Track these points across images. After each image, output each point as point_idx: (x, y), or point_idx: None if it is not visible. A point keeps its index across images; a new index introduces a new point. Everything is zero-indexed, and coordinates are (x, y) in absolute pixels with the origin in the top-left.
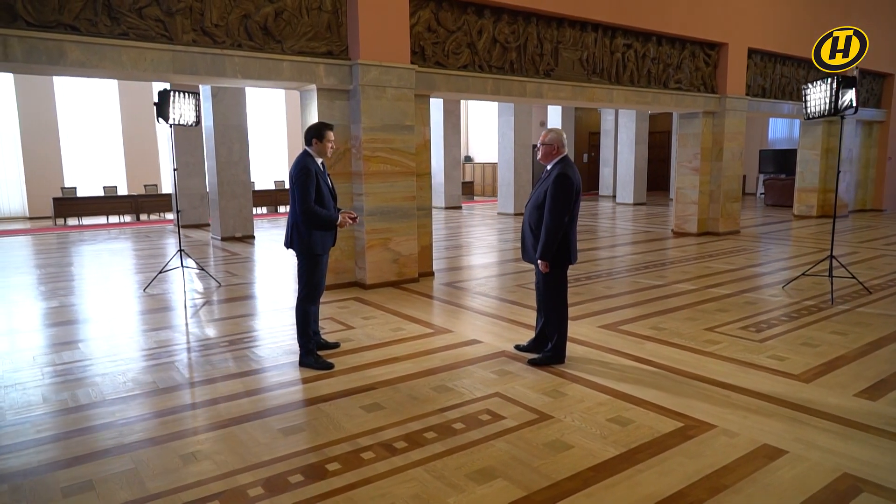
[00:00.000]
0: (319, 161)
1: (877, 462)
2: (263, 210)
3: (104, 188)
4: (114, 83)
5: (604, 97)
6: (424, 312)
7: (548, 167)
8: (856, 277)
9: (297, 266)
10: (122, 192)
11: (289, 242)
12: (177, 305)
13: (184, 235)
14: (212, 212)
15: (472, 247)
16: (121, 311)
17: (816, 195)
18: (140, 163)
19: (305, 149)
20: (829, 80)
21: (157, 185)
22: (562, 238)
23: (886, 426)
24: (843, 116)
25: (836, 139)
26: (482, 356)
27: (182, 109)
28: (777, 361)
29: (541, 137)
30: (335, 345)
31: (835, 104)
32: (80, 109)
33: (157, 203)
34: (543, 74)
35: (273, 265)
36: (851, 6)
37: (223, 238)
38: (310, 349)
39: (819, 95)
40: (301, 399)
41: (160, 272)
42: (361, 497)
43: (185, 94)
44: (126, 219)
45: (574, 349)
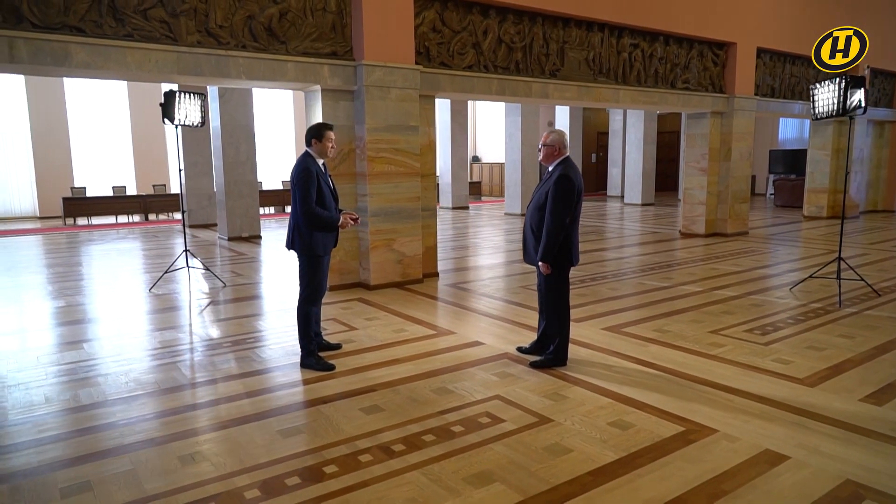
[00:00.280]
0: (321, 162)
1: (880, 468)
2: (271, 210)
3: (113, 188)
4: (123, 84)
5: (610, 97)
6: (427, 314)
7: (549, 168)
8: (864, 280)
9: (299, 267)
10: (131, 192)
11: (290, 243)
12: (182, 306)
13: (191, 235)
14: (219, 212)
15: (478, 247)
16: (126, 311)
17: (827, 196)
18: (149, 163)
19: (307, 150)
20: (838, 80)
21: (166, 185)
22: (563, 240)
23: (892, 432)
24: (852, 117)
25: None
26: (484, 358)
27: (187, 110)
28: (782, 365)
29: (542, 138)
30: (337, 346)
31: (843, 104)
32: (90, 110)
33: (166, 203)
34: (549, 74)
35: (279, 265)
36: (861, 4)
37: (230, 238)
38: (311, 350)
39: (827, 95)
40: (301, 401)
41: (165, 272)
42: (357, 500)
43: (191, 95)
44: (135, 218)
45: (577, 351)
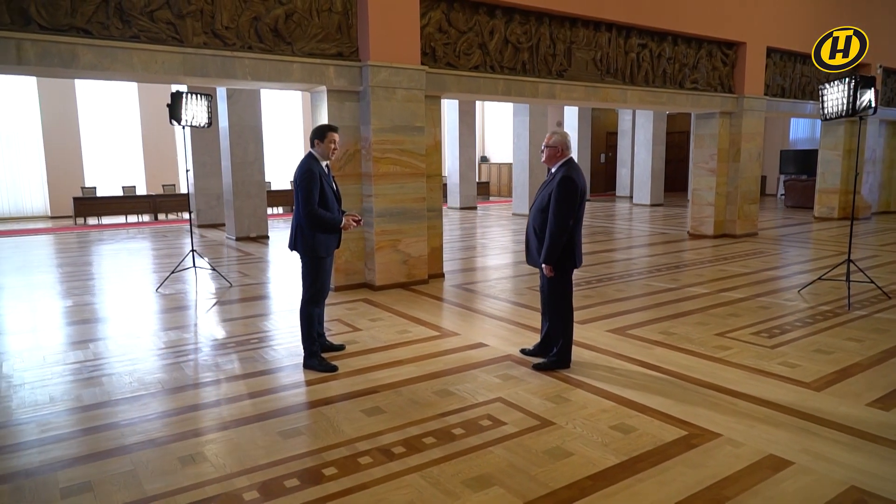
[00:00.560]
0: (324, 163)
1: (886, 475)
2: (279, 210)
3: (123, 188)
4: (133, 85)
5: (617, 97)
6: (432, 315)
7: (552, 170)
8: (874, 282)
9: (301, 268)
10: (141, 192)
11: (292, 244)
12: (188, 306)
13: (200, 235)
14: (227, 212)
15: (485, 248)
16: (132, 311)
17: (838, 197)
18: (159, 163)
19: (310, 151)
20: (847, 80)
21: (176, 185)
22: (566, 242)
23: None
24: (862, 117)
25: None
26: (487, 360)
27: (194, 111)
28: (788, 369)
29: (545, 140)
30: (340, 347)
31: (853, 104)
32: (101, 111)
33: (175, 203)
34: (556, 75)
35: (285, 266)
36: (872, 2)
37: (238, 238)
38: (314, 351)
39: (836, 95)
40: (303, 402)
41: (172, 272)
42: (356, 503)
43: (198, 96)
44: (144, 218)
45: (581, 354)
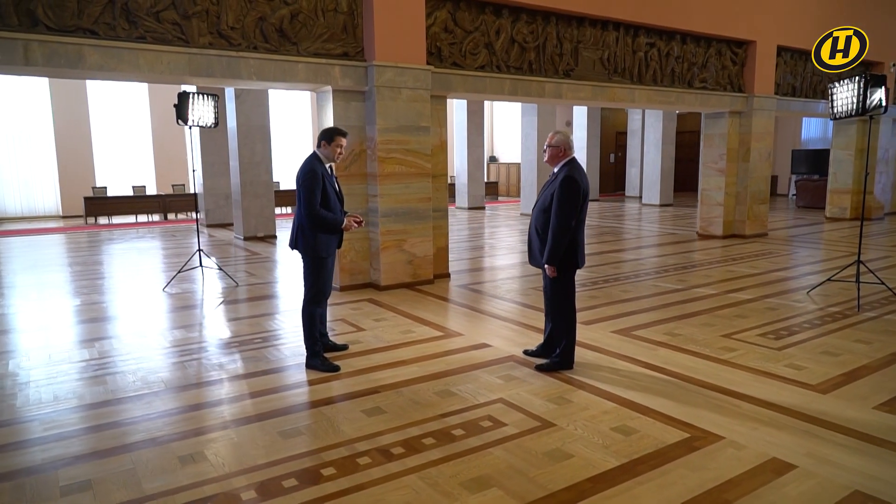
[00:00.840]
0: (328, 164)
1: (892, 479)
2: (287, 210)
3: (133, 188)
4: (143, 85)
5: (625, 97)
6: (436, 315)
7: (554, 170)
8: (885, 283)
9: (303, 268)
10: (151, 192)
11: (293, 243)
12: (193, 305)
13: (208, 235)
14: (234, 211)
15: (491, 248)
16: (139, 310)
17: (850, 197)
18: (169, 163)
19: (314, 151)
20: (857, 79)
21: (185, 185)
22: (569, 242)
23: None
24: (872, 116)
25: (873, 139)
26: (490, 360)
27: (201, 111)
28: (794, 371)
29: (547, 139)
30: (344, 347)
31: (863, 103)
32: (112, 111)
33: (184, 203)
34: (563, 74)
35: (292, 265)
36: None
37: (245, 238)
38: (316, 351)
39: (846, 94)
40: (304, 402)
41: (179, 272)
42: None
43: (204, 96)
44: (154, 218)
45: (584, 355)
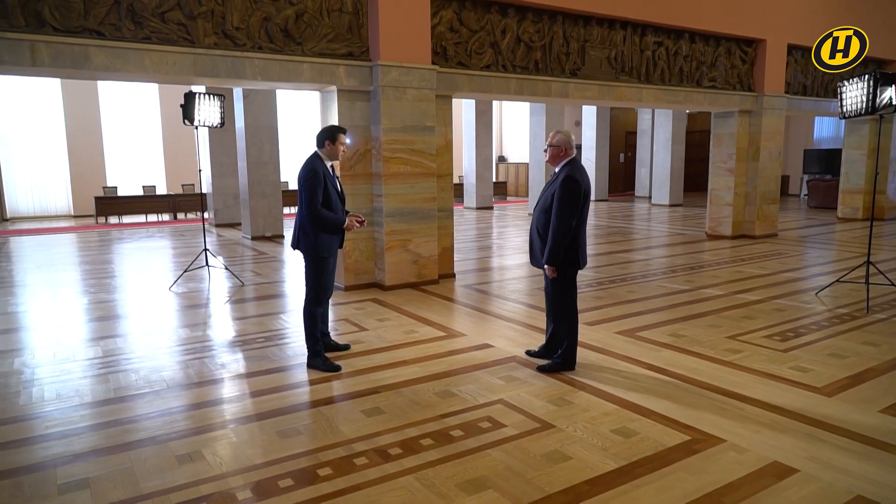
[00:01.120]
0: (329, 164)
1: (894, 484)
2: (295, 209)
3: (143, 188)
4: (154, 86)
5: (633, 96)
6: (440, 315)
7: (556, 170)
8: (895, 285)
9: (304, 268)
10: (161, 192)
11: (295, 243)
12: (198, 304)
13: (216, 234)
14: (242, 211)
15: (498, 248)
16: (144, 309)
17: (862, 197)
18: (178, 163)
19: (316, 151)
20: (867, 77)
21: (195, 185)
22: (570, 242)
23: None
24: (883, 115)
25: (886, 138)
26: (492, 361)
27: (207, 111)
28: (800, 373)
29: (548, 139)
30: (346, 346)
31: (872, 102)
32: (123, 112)
33: (194, 202)
34: (570, 74)
35: (298, 265)
36: None
37: (253, 237)
38: (317, 351)
39: (856, 93)
40: (303, 401)
41: (185, 271)
42: None
43: (211, 97)
44: (164, 217)
45: (587, 356)
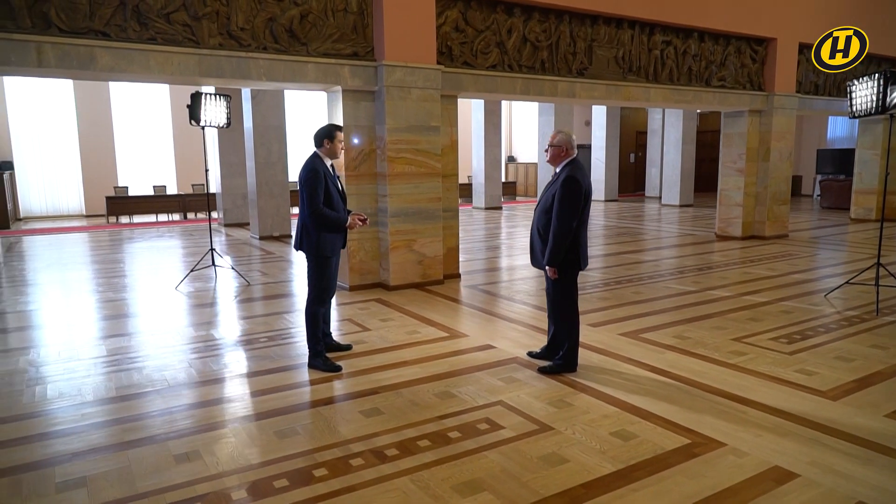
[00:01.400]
0: (329, 163)
1: None
2: None
3: (154, 188)
4: (165, 87)
5: (640, 96)
6: (443, 315)
7: (556, 170)
8: None
9: (307, 268)
10: (172, 192)
11: (298, 244)
12: (203, 304)
13: (225, 234)
14: (250, 211)
15: (505, 248)
16: (149, 309)
17: (875, 197)
18: (189, 163)
19: (315, 151)
20: (877, 76)
21: (205, 185)
22: (571, 243)
23: None
24: (893, 115)
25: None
26: (493, 362)
27: (213, 112)
28: (805, 376)
29: (549, 139)
30: (347, 347)
31: (882, 101)
32: (134, 112)
33: (204, 202)
34: (576, 73)
35: (304, 265)
36: None
37: (261, 237)
38: (318, 351)
39: (865, 92)
40: (302, 401)
41: (191, 271)
42: None
43: (217, 97)
44: (174, 217)
45: (589, 357)
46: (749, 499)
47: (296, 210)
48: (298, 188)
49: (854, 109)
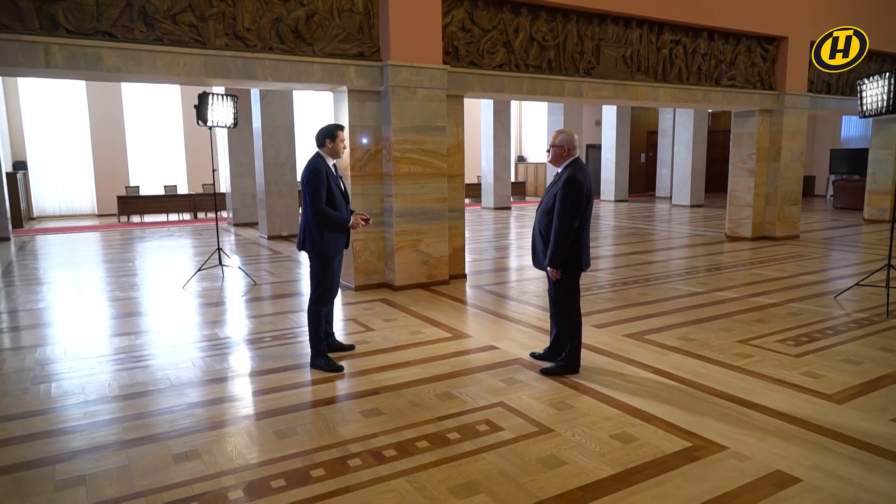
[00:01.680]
0: (331, 163)
1: None
2: None
3: (165, 187)
4: (176, 87)
5: (649, 95)
6: (447, 316)
7: (558, 170)
8: None
9: (310, 268)
10: (183, 191)
11: (301, 244)
12: (209, 303)
13: (235, 234)
14: (259, 211)
15: (512, 248)
16: (156, 308)
17: (889, 198)
18: (199, 163)
19: (318, 151)
20: (887, 75)
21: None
22: (573, 244)
23: None
24: None
25: None
26: (495, 363)
27: (220, 112)
28: (811, 379)
29: (551, 139)
30: (350, 347)
31: (894, 100)
32: (146, 112)
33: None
34: (584, 73)
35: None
36: None
37: (270, 237)
38: (320, 351)
39: (876, 91)
40: (303, 401)
41: (198, 270)
42: None
43: (224, 97)
44: (185, 217)
45: (592, 358)
46: (749, 503)
47: None
48: (301, 188)
49: (865, 109)
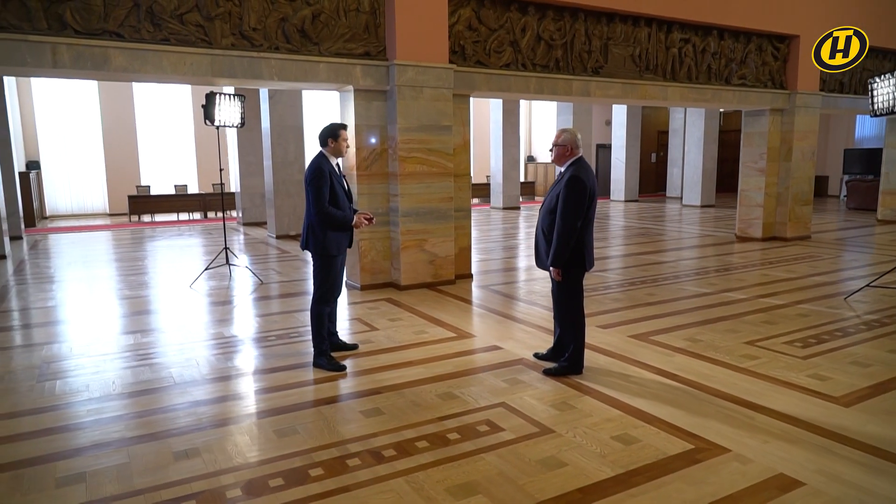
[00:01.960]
0: (335, 162)
1: None
2: None
3: (175, 187)
4: (187, 86)
5: (657, 94)
6: (452, 315)
7: (561, 169)
8: None
9: (313, 267)
10: (193, 191)
11: (304, 244)
12: (215, 302)
13: (244, 233)
14: (268, 210)
15: (519, 248)
16: (163, 307)
17: None
18: (210, 162)
19: (321, 150)
20: None
21: (225, 184)
22: (576, 243)
23: None
24: None
25: None
26: (498, 363)
27: (227, 112)
28: (818, 381)
29: (554, 138)
30: (353, 346)
31: None
32: (157, 111)
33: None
34: (591, 72)
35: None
36: None
37: (278, 236)
38: (323, 350)
39: (887, 90)
40: (304, 401)
41: (205, 269)
42: None
43: (231, 97)
44: (195, 216)
45: (596, 359)
46: None
47: None
48: (304, 188)
49: (875, 108)
